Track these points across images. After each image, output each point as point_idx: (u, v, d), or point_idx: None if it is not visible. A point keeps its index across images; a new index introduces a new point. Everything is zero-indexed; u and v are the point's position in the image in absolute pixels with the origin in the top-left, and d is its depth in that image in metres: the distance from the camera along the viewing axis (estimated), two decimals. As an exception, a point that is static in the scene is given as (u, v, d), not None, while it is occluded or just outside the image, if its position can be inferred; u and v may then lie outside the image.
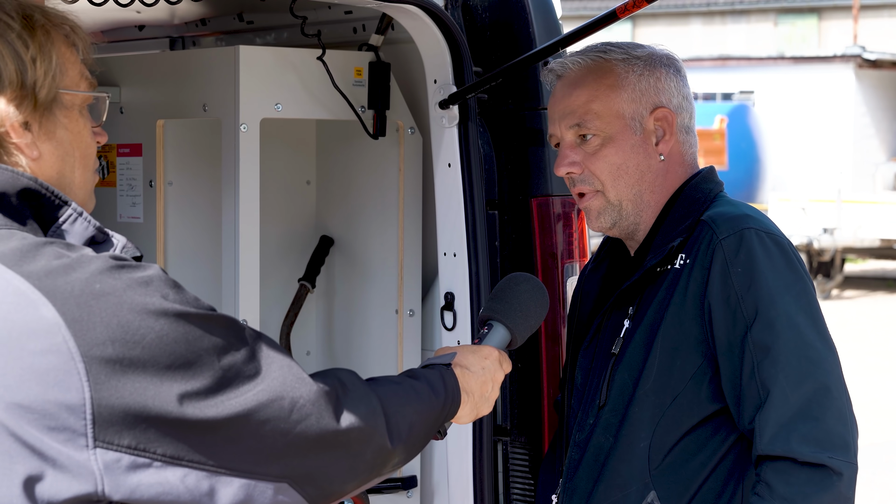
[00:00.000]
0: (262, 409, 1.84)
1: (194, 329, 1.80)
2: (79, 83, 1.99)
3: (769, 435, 2.41)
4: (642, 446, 2.56)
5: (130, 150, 3.80)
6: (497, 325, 2.50)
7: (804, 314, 2.48)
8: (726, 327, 2.49)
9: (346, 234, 3.92)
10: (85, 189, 2.03)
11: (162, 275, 1.83)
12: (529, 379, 3.43)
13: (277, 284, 3.91)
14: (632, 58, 2.69)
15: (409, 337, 3.72)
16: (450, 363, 2.32)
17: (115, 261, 1.80)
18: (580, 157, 2.67)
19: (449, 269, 3.43)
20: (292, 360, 1.93)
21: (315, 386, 1.92)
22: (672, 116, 2.67)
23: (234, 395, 1.82)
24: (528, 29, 3.41)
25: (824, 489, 2.37)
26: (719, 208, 2.62)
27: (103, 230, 1.93)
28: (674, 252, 2.58)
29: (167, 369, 1.76)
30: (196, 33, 4.19)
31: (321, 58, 3.43)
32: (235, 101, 3.37)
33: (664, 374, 2.55)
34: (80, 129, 1.99)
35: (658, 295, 2.58)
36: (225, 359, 1.82)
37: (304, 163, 4.01)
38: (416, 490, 3.72)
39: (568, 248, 3.44)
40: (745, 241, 2.51)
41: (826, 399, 2.42)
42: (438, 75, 3.37)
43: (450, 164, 3.38)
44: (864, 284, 20.89)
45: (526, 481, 3.41)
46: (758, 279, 2.48)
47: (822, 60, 24.59)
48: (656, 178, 2.67)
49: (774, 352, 2.44)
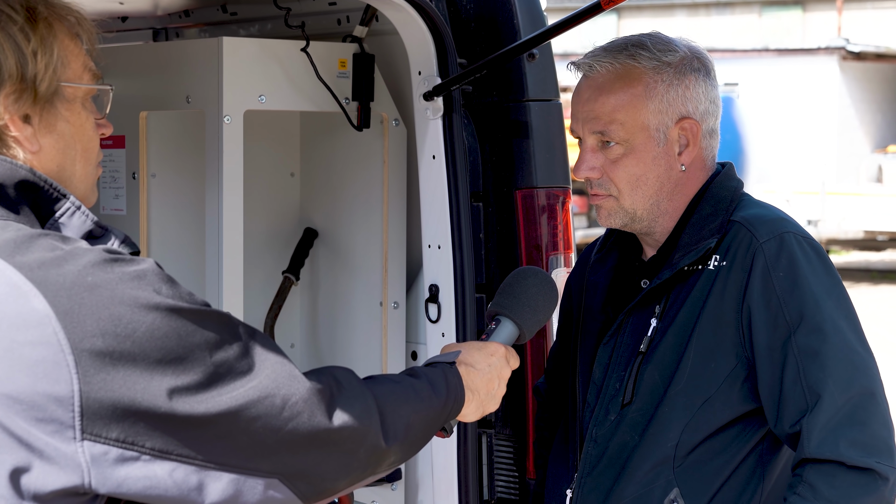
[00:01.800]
0: (253, 405, 1.83)
1: (187, 324, 1.80)
2: (82, 75, 1.98)
3: (818, 438, 2.42)
4: (669, 445, 2.56)
5: (113, 141, 3.79)
6: (505, 321, 2.48)
7: (846, 319, 2.50)
8: (767, 331, 2.49)
9: (330, 227, 3.91)
10: (86, 182, 2.02)
11: (156, 269, 1.82)
12: (513, 371, 3.42)
13: (261, 277, 3.90)
14: (662, 65, 2.63)
15: (393, 329, 3.71)
16: (454, 361, 2.30)
17: (108, 254, 1.79)
18: (600, 161, 2.64)
19: (433, 262, 3.42)
20: (286, 358, 1.92)
21: (308, 384, 1.91)
22: (697, 127, 2.64)
23: (225, 392, 1.81)
24: (513, 21, 3.41)
25: (869, 493, 2.40)
26: (752, 210, 2.62)
27: (102, 224, 1.92)
28: (709, 253, 2.57)
29: (158, 363, 1.76)
30: (179, 24, 4.17)
31: (305, 49, 3.42)
32: (219, 93, 3.36)
33: (697, 376, 2.54)
34: (82, 122, 1.99)
35: (692, 295, 2.57)
36: (217, 355, 1.82)
37: (288, 155, 4.00)
38: (400, 482, 3.72)
39: (552, 240, 3.44)
40: (786, 245, 2.51)
41: (871, 404, 2.44)
42: (423, 67, 3.36)
43: (434, 155, 3.38)
44: (848, 276, 20.95)
45: (510, 473, 3.41)
46: (801, 283, 2.48)
47: (806, 52, 24.62)
48: (675, 186, 2.65)
49: (822, 356, 2.45)
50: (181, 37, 4.22)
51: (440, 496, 3.46)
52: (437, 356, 2.35)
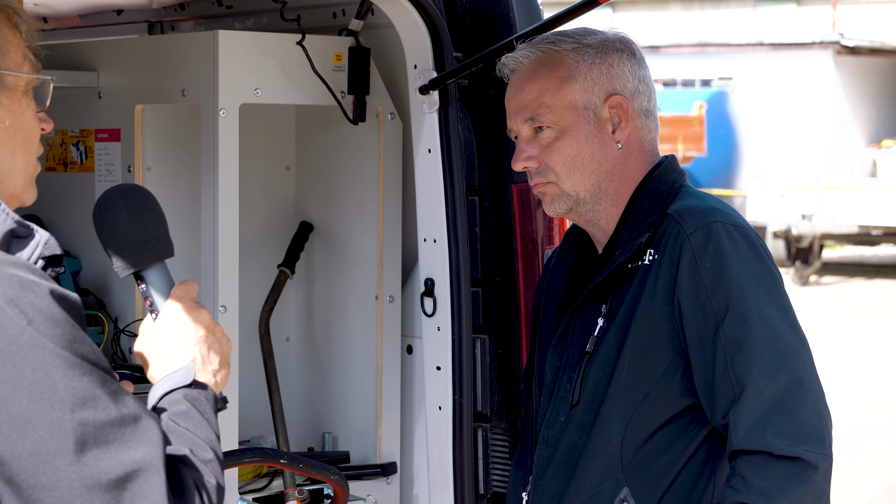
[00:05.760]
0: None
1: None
2: (21, 65, 1.91)
3: (744, 429, 2.40)
4: (615, 443, 2.55)
5: (109, 135, 3.78)
6: (146, 274, 2.02)
7: (775, 307, 2.47)
8: (697, 323, 2.47)
9: (325, 220, 3.91)
10: (26, 174, 1.94)
11: (56, 310, 1.69)
12: (509, 365, 3.43)
13: (257, 270, 3.90)
14: (582, 46, 2.66)
15: (388, 323, 3.71)
16: (189, 382, 1.92)
17: (26, 275, 1.69)
18: (536, 150, 2.65)
19: (429, 255, 3.42)
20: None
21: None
22: (627, 103, 2.65)
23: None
24: (509, 14, 3.41)
25: (800, 482, 2.37)
26: (685, 201, 2.59)
27: (25, 224, 1.85)
28: (642, 248, 2.56)
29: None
30: (175, 18, 4.17)
31: (301, 43, 3.42)
32: (214, 86, 3.35)
33: (635, 371, 2.53)
34: (22, 111, 1.92)
35: (629, 291, 2.56)
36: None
37: (283, 148, 4.00)
38: (395, 476, 3.72)
39: (548, 234, 3.44)
40: (713, 234, 2.49)
41: (800, 392, 2.41)
42: (419, 60, 3.36)
43: (430, 149, 3.38)
44: (842, 270, 20.98)
45: (506, 467, 3.41)
46: (727, 273, 2.46)
47: (800, 47, 24.64)
48: (614, 166, 2.65)
49: (747, 346, 2.43)
50: (176, 30, 4.22)
51: (435, 490, 3.46)
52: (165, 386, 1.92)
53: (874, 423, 10.44)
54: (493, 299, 3.45)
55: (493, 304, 3.45)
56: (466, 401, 3.39)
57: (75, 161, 3.93)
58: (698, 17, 31.65)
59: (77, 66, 3.82)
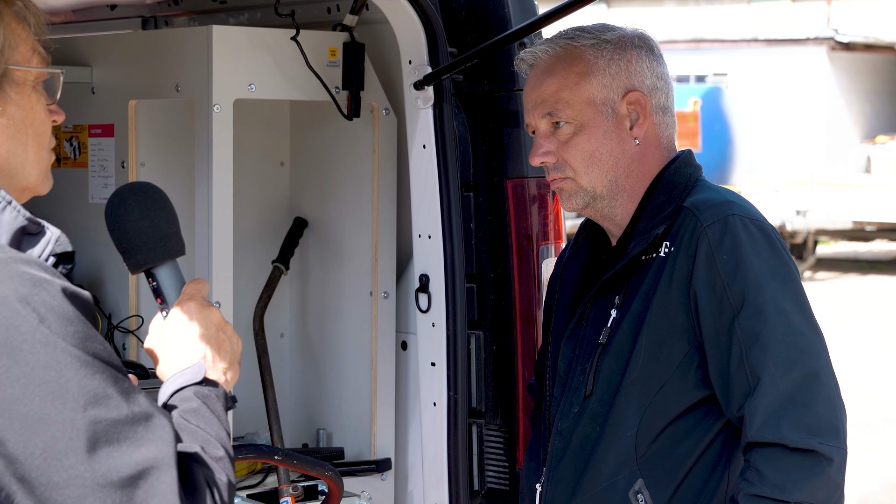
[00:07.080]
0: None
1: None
2: (30, 59, 1.92)
3: (759, 422, 2.41)
4: (629, 435, 2.55)
5: (102, 130, 3.78)
6: (157, 272, 2.04)
7: (791, 300, 2.48)
8: (713, 315, 2.48)
9: (320, 216, 3.91)
10: (39, 168, 1.95)
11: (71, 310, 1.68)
12: (504, 361, 3.43)
13: (251, 266, 3.89)
14: (601, 42, 2.66)
15: (383, 319, 3.71)
16: (200, 380, 1.91)
17: (38, 272, 1.69)
18: (554, 145, 2.66)
19: (423, 251, 3.42)
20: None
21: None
22: (645, 99, 2.65)
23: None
24: (504, 10, 3.40)
25: (815, 474, 2.38)
26: (701, 195, 2.60)
27: (36, 221, 1.84)
28: (658, 240, 2.57)
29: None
30: (169, 13, 4.16)
31: (295, 38, 3.41)
32: (208, 82, 3.35)
33: (651, 363, 2.54)
34: (32, 106, 1.92)
35: (644, 283, 2.57)
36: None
37: (277, 144, 3.99)
38: (390, 472, 3.72)
39: (543, 230, 3.43)
40: (730, 227, 2.50)
41: (815, 385, 2.42)
42: (413, 56, 3.36)
43: (424, 145, 3.37)
44: (837, 266, 20.99)
45: (501, 464, 3.41)
46: (743, 266, 2.47)
47: (795, 43, 24.67)
48: (632, 162, 2.66)
49: (763, 339, 2.44)
50: (170, 25, 4.21)
51: (430, 486, 3.46)
52: (177, 394, 1.91)
53: (869, 419, 10.46)
54: (488, 295, 3.45)
55: (487, 300, 3.44)
56: (461, 397, 3.38)
57: (69, 156, 3.92)
58: (693, 13, 31.65)
59: (70, 61, 3.81)
